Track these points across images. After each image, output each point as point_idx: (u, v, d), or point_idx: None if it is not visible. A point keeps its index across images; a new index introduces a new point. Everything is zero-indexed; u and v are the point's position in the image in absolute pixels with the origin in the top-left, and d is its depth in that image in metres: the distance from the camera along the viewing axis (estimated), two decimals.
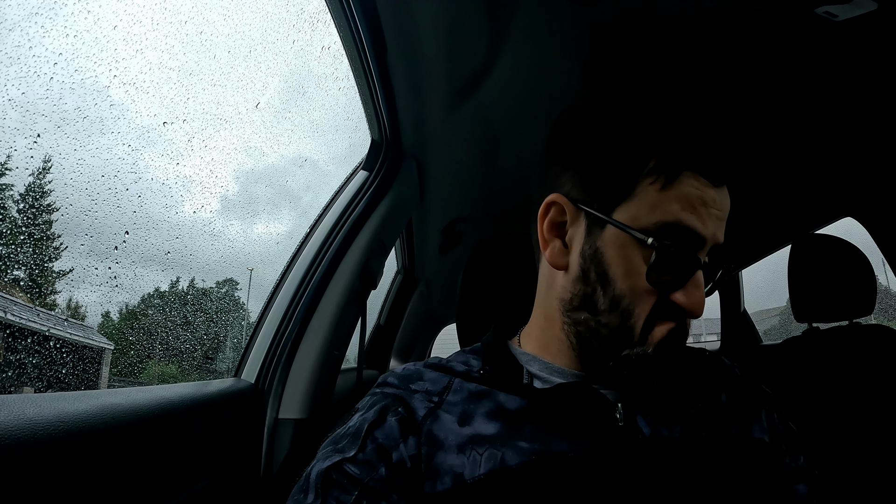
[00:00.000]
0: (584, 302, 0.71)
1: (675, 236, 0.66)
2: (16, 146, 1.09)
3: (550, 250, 0.75)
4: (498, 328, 0.87)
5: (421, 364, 0.81)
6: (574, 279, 0.72)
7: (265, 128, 9.97)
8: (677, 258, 0.66)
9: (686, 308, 0.67)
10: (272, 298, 1.43)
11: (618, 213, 0.68)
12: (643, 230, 0.66)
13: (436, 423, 0.70)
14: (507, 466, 0.65)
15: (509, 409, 0.71)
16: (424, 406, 0.73)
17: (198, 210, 3.01)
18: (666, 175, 0.66)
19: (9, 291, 1.69)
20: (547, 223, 0.75)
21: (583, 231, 0.72)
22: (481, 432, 0.68)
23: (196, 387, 1.07)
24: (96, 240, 1.24)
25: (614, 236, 0.68)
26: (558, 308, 0.75)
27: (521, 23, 1.25)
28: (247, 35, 3.23)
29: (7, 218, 1.78)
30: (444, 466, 0.66)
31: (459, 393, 0.74)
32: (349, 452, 0.67)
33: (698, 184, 0.66)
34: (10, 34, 0.99)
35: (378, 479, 0.64)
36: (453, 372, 0.78)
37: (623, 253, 0.68)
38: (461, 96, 1.50)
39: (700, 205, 0.66)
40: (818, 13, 1.15)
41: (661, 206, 0.66)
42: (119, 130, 1.49)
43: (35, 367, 1.56)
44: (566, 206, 0.73)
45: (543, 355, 0.78)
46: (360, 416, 0.72)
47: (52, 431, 0.64)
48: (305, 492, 0.64)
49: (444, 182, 1.98)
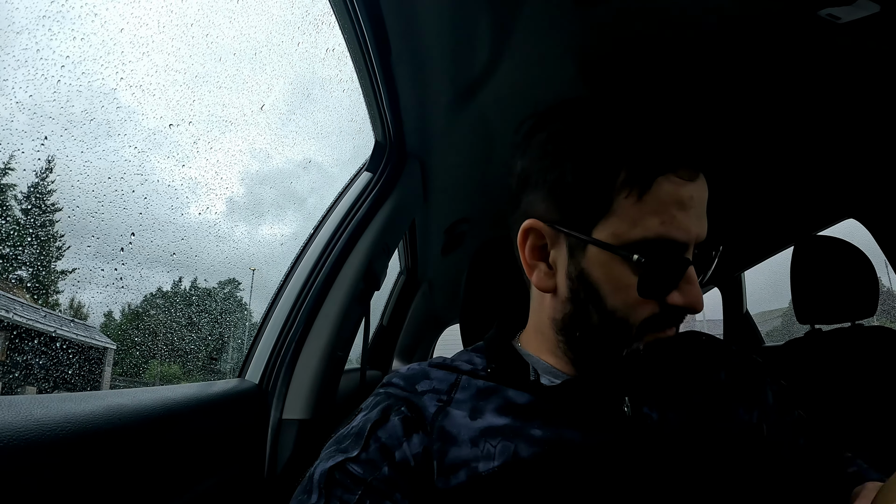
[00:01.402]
0: (576, 321, 0.71)
1: (659, 248, 0.64)
2: (23, 148, 1.10)
3: (536, 275, 0.74)
4: (501, 326, 0.87)
5: (425, 364, 0.81)
6: (564, 300, 0.72)
7: (269, 129, 9.99)
8: (665, 265, 0.65)
9: (685, 307, 0.66)
10: (276, 299, 1.43)
11: (598, 232, 0.66)
12: (626, 245, 0.65)
13: (447, 420, 0.70)
14: (520, 458, 0.65)
15: (519, 404, 0.71)
16: (434, 405, 0.73)
17: (203, 212, 3.02)
18: (640, 185, 0.64)
19: (16, 291, 1.70)
20: (528, 249, 0.74)
21: (565, 253, 0.71)
22: (493, 424, 0.69)
23: (200, 387, 1.08)
24: (103, 241, 1.25)
25: (598, 255, 0.67)
26: (551, 327, 0.75)
27: (525, 24, 1.25)
28: (252, 38, 3.25)
29: (13, 218, 1.79)
30: (458, 461, 0.67)
31: (468, 390, 0.74)
32: (352, 452, 0.67)
33: (674, 185, 0.65)
34: (19, 37, 1.00)
35: (381, 479, 0.65)
36: (459, 370, 0.78)
37: (609, 271, 0.67)
38: (464, 98, 1.51)
39: (678, 209, 0.64)
40: (821, 15, 1.15)
41: (640, 220, 0.64)
42: (125, 133, 1.50)
43: (41, 367, 1.57)
44: (544, 231, 0.71)
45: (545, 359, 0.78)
46: (363, 416, 0.73)
47: (59, 432, 0.65)
48: (309, 492, 0.64)
49: (447, 183, 1.99)
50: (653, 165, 0.64)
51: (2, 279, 1.63)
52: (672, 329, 0.69)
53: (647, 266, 0.64)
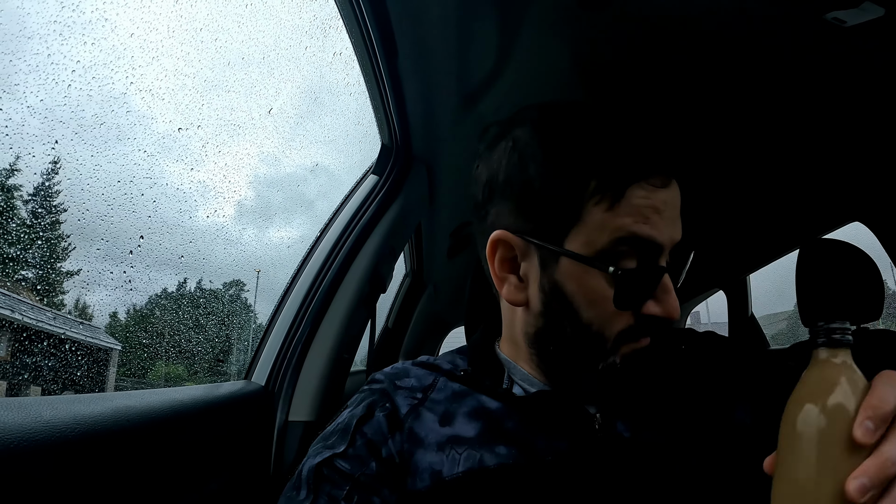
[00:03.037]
0: (549, 335, 0.69)
1: (632, 248, 0.63)
2: (34, 151, 1.11)
3: (506, 288, 0.71)
4: (486, 330, 0.86)
5: (409, 363, 0.82)
6: (536, 314, 0.70)
7: (277, 132, 10.01)
8: (641, 275, 0.63)
9: (663, 316, 0.65)
10: (283, 301, 1.44)
11: (569, 242, 0.64)
12: (599, 253, 0.63)
13: (417, 422, 0.70)
14: (485, 466, 0.64)
15: (490, 409, 0.70)
16: (408, 403, 0.72)
17: (211, 215, 3.03)
18: (612, 194, 0.62)
19: (24, 292, 1.72)
20: (497, 261, 0.71)
21: (537, 265, 0.68)
22: (461, 434, 0.68)
23: (207, 389, 1.09)
24: (112, 244, 1.25)
25: (571, 266, 0.65)
26: (524, 341, 0.74)
27: (530, 28, 1.26)
28: (261, 42, 3.26)
29: (20, 219, 1.80)
30: (422, 464, 0.66)
31: (443, 391, 0.74)
32: (339, 448, 0.68)
33: (646, 192, 0.63)
34: (30, 42, 1.01)
35: (369, 474, 0.65)
36: (439, 370, 0.78)
37: (583, 282, 0.64)
38: (470, 101, 1.51)
39: (652, 213, 0.63)
40: (826, 19, 1.15)
41: (611, 223, 0.62)
42: (135, 136, 1.51)
43: (49, 368, 1.58)
44: (513, 242, 0.69)
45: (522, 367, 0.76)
46: (348, 413, 0.73)
47: (68, 433, 0.65)
48: (298, 488, 0.65)
49: (453, 186, 1.99)
50: (625, 174, 0.63)
51: (10, 278, 1.64)
52: (647, 339, 0.67)
53: (622, 277, 0.62)
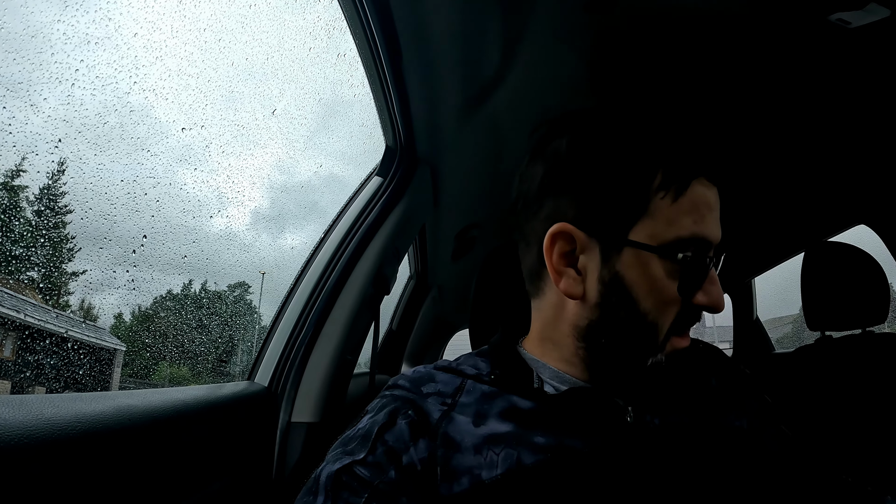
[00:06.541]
0: (603, 326, 0.71)
1: (692, 247, 0.67)
2: (37, 150, 1.11)
3: (565, 281, 0.72)
4: (506, 331, 0.86)
5: (431, 367, 0.81)
6: (592, 306, 0.71)
7: (281, 133, 10.02)
8: (697, 264, 0.68)
9: (710, 306, 0.69)
10: (286, 302, 1.44)
11: (634, 233, 0.67)
12: (663, 245, 0.67)
13: (451, 426, 0.70)
14: (523, 465, 0.65)
15: (522, 409, 0.71)
16: (438, 409, 0.73)
17: (214, 215, 3.03)
18: (676, 187, 0.67)
19: (30, 293, 1.72)
20: (556, 255, 0.72)
21: (597, 257, 0.70)
22: (496, 431, 0.69)
23: (210, 389, 1.08)
24: (115, 244, 1.25)
25: (634, 257, 0.68)
26: (570, 335, 0.74)
27: (535, 30, 1.26)
28: (264, 42, 3.26)
29: (26, 219, 1.81)
30: (461, 468, 0.66)
31: (472, 394, 0.74)
32: (359, 455, 0.67)
33: (704, 188, 0.68)
34: (33, 40, 1.01)
35: (388, 482, 0.65)
36: (464, 374, 0.78)
37: (646, 272, 0.67)
38: (475, 103, 1.51)
39: (707, 211, 0.68)
40: (831, 20, 1.14)
41: (676, 220, 0.67)
42: (138, 136, 1.51)
43: (53, 368, 1.58)
44: (574, 234, 0.70)
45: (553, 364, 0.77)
46: (369, 419, 0.73)
47: (69, 431, 0.65)
48: (315, 494, 0.64)
49: (457, 188, 1.99)
50: (690, 168, 0.68)
51: (15, 278, 1.65)
52: (688, 335, 0.72)
53: (689, 264, 0.67)
